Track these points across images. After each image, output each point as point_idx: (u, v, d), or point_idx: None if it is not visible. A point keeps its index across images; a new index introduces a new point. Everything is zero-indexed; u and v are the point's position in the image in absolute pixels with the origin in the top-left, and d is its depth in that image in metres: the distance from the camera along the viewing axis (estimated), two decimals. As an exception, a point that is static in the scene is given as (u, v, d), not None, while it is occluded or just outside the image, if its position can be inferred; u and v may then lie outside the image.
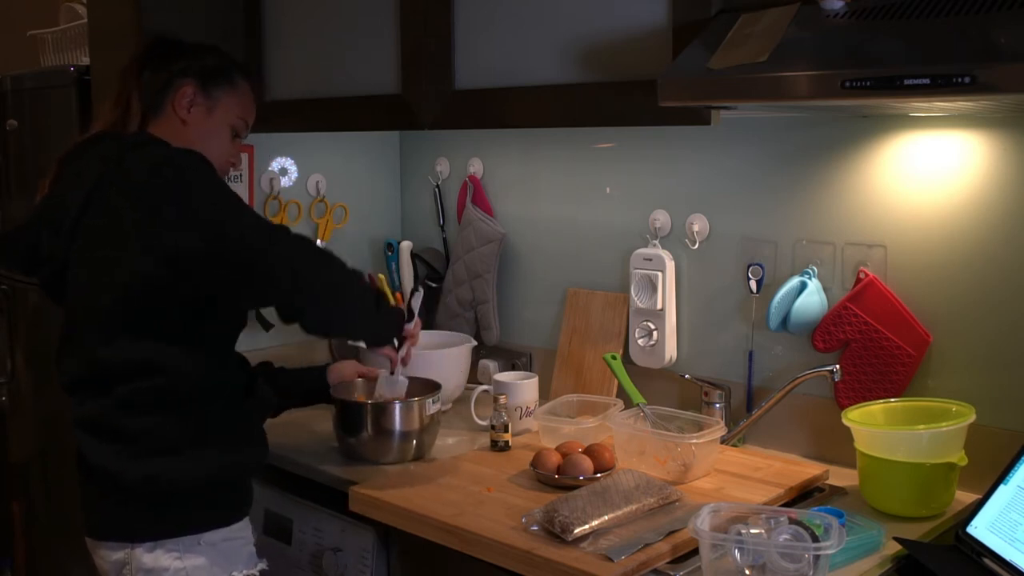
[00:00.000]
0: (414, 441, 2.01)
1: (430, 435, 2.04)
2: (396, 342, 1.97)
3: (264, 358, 2.15)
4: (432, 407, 2.02)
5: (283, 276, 1.66)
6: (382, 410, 1.99)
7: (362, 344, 2.19)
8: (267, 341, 2.47)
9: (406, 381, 2.05)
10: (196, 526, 1.72)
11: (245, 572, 1.78)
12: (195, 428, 1.72)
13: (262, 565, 1.83)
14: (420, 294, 2.00)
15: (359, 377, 2.14)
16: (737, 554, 1.40)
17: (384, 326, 1.90)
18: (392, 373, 2.03)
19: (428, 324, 2.66)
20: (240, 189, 2.52)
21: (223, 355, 1.79)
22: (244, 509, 1.81)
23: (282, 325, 1.92)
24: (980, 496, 1.57)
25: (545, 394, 2.33)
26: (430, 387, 2.08)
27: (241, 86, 1.90)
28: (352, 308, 1.77)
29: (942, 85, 1.31)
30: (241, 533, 1.79)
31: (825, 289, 1.97)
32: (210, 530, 1.73)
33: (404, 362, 2.01)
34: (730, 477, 1.88)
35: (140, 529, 1.71)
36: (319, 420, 2.20)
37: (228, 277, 1.66)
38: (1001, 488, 1.54)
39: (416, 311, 1.98)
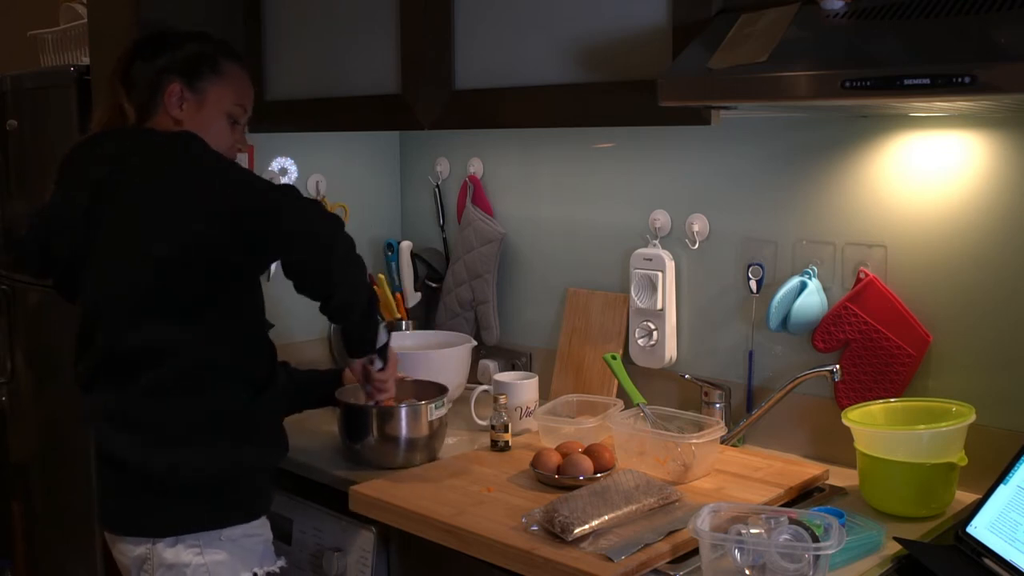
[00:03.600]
0: (420, 446, 2.00)
1: (438, 439, 2.03)
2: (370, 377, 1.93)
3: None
4: (438, 411, 2.01)
5: (301, 231, 1.71)
6: (388, 415, 1.97)
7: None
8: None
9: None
10: (217, 521, 1.73)
11: (266, 569, 1.79)
12: (214, 418, 1.73)
13: (281, 563, 1.84)
14: (388, 335, 1.90)
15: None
16: (737, 554, 1.40)
17: (371, 325, 1.86)
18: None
19: (428, 324, 2.67)
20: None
21: (245, 343, 1.80)
22: (264, 505, 1.82)
23: (281, 324, 1.92)
24: (980, 496, 1.57)
25: (545, 394, 2.33)
26: (436, 390, 2.07)
27: (228, 71, 1.87)
28: (356, 281, 1.78)
29: (942, 85, 1.31)
30: (260, 530, 1.80)
31: (825, 289, 1.97)
32: (231, 525, 1.74)
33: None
34: (730, 477, 1.88)
35: (161, 524, 1.72)
36: (319, 420, 2.20)
37: (251, 234, 1.69)
38: (1001, 488, 1.54)
39: (391, 358, 1.92)
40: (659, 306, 2.19)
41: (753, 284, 2.07)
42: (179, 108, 1.82)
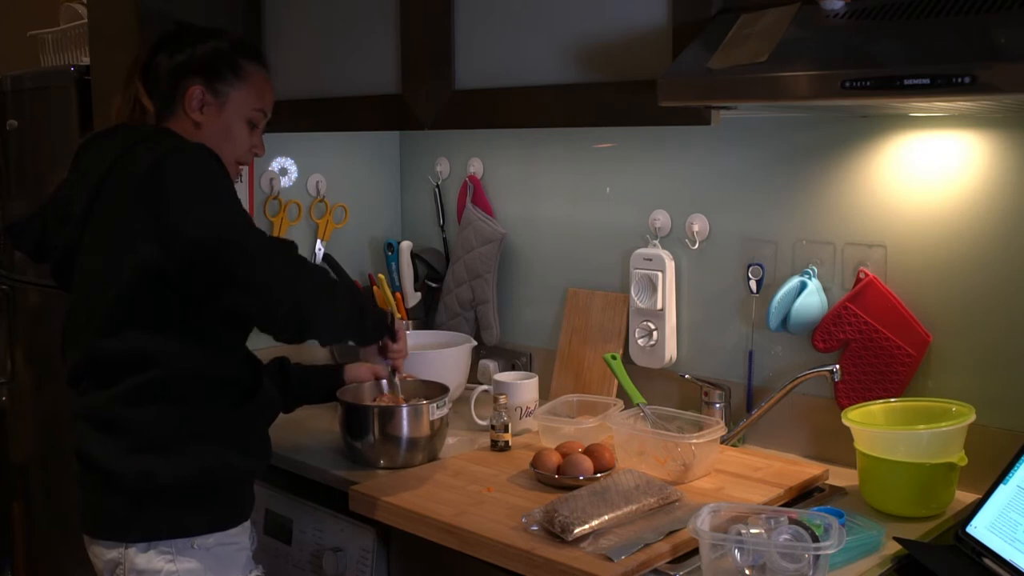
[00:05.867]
0: (422, 446, 2.00)
1: (439, 439, 2.03)
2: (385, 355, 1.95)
3: (262, 357, 2.14)
4: (439, 411, 2.00)
5: (254, 281, 1.62)
6: (389, 415, 1.97)
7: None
8: (268, 341, 2.46)
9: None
10: (190, 528, 1.71)
11: None
12: (192, 425, 1.71)
13: (257, 572, 1.82)
14: (396, 316, 1.95)
15: (375, 379, 2.11)
16: (737, 554, 1.41)
17: (365, 327, 1.86)
18: (390, 386, 2.04)
19: (428, 324, 2.67)
20: (240, 189, 2.51)
21: (226, 352, 1.78)
22: (242, 514, 1.79)
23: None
24: (980, 496, 1.57)
25: (545, 394, 2.33)
26: (437, 390, 2.07)
27: (251, 74, 1.84)
28: (325, 314, 1.70)
29: (942, 85, 1.31)
30: (236, 539, 1.77)
31: (825, 289, 1.97)
32: (204, 533, 1.72)
33: (398, 376, 2.02)
34: (730, 477, 1.88)
35: (134, 529, 1.70)
36: (319, 420, 2.20)
37: (209, 275, 1.63)
38: (1001, 488, 1.54)
39: (399, 330, 1.95)
40: (659, 306, 2.19)
41: (753, 284, 2.07)
42: (199, 112, 1.79)
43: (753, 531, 1.43)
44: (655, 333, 2.20)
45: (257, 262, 1.62)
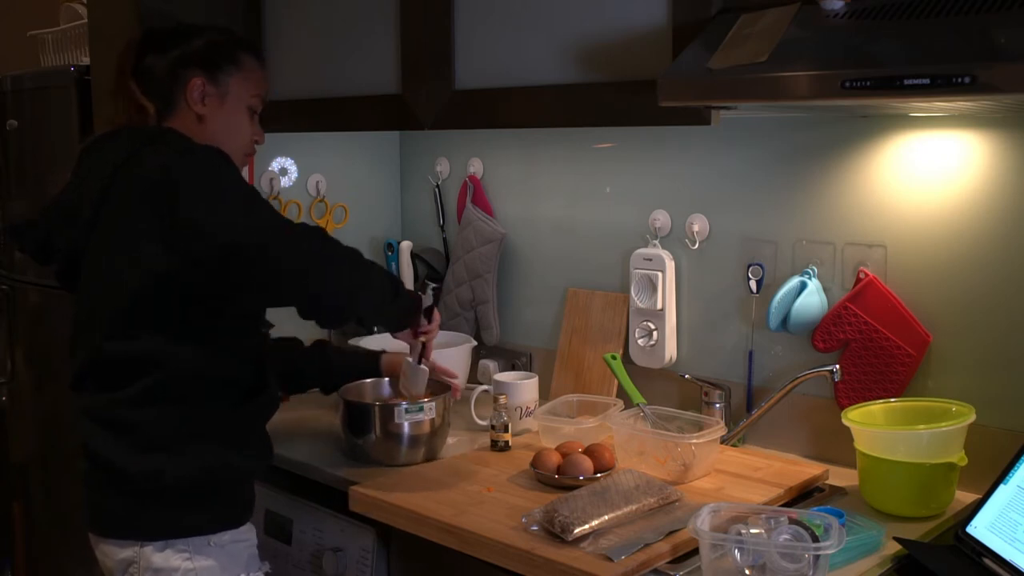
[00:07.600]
0: (422, 443, 2.00)
1: (439, 437, 2.03)
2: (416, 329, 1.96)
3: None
4: (440, 410, 2.01)
5: (289, 274, 1.65)
6: (390, 413, 1.98)
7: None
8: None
9: (427, 371, 2.01)
10: (207, 527, 1.72)
11: (251, 574, 1.78)
12: (192, 425, 1.71)
13: (266, 568, 1.83)
14: (429, 295, 1.99)
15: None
16: (737, 554, 1.41)
17: (400, 312, 1.90)
18: (418, 362, 2.00)
19: (428, 324, 2.67)
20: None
21: (226, 352, 1.78)
22: (243, 514, 1.81)
23: (281, 323, 1.92)
24: (980, 496, 1.57)
25: (545, 394, 2.33)
26: (439, 389, 2.07)
27: (247, 63, 1.85)
28: (366, 298, 1.76)
29: (942, 85, 1.31)
30: (247, 535, 1.80)
31: (825, 289, 1.97)
32: (220, 531, 1.74)
33: (425, 357, 2.00)
34: (730, 477, 1.88)
35: (150, 528, 1.71)
36: (319, 419, 2.20)
37: (235, 277, 1.65)
38: (1001, 488, 1.54)
39: (431, 308, 1.97)
40: (659, 306, 2.19)
41: (753, 284, 2.07)
42: (201, 103, 1.79)
43: (753, 531, 1.43)
44: (655, 333, 2.20)
45: (275, 257, 1.65)
